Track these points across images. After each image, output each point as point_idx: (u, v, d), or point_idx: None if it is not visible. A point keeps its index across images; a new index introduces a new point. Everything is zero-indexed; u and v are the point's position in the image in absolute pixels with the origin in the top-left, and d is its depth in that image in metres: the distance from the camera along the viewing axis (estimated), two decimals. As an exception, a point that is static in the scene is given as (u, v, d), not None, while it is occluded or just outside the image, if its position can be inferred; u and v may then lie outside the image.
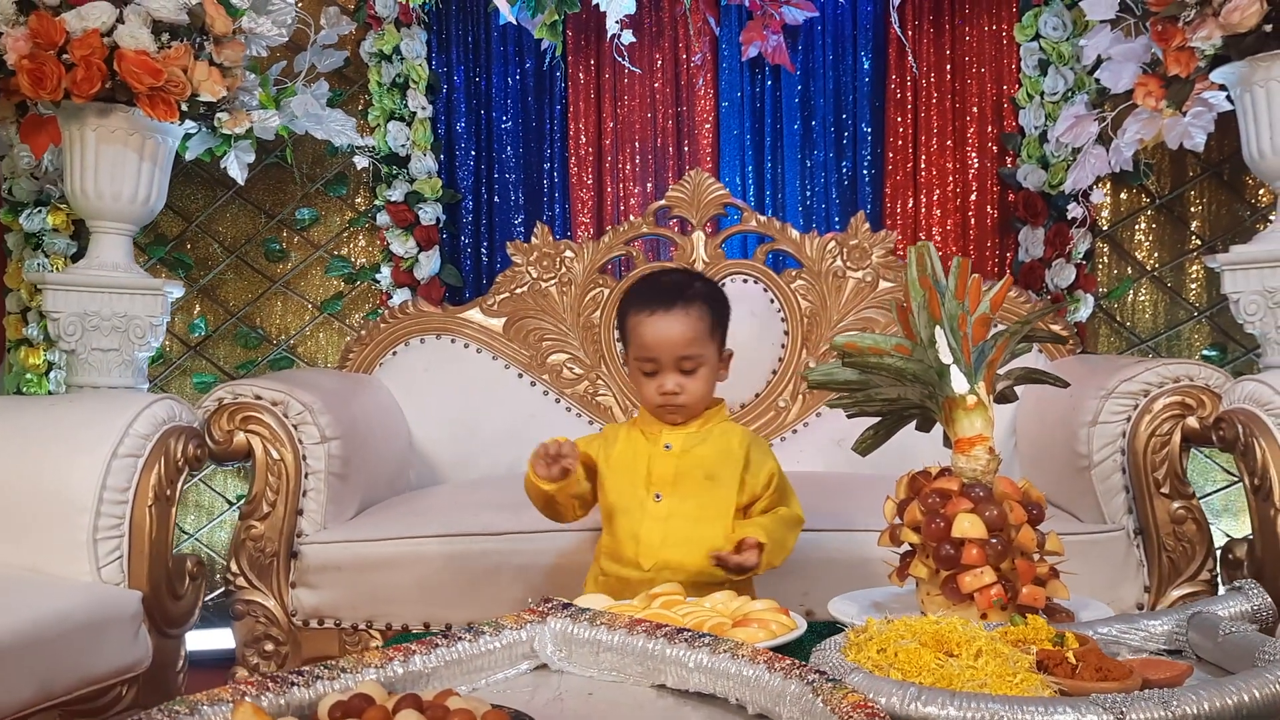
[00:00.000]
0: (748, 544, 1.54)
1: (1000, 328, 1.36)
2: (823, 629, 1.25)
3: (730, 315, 1.75)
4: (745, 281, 2.62)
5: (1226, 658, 1.03)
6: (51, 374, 2.99)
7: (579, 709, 1.00)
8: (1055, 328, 2.44)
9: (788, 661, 0.95)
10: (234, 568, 1.94)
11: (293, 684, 0.94)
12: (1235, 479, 2.81)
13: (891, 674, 0.94)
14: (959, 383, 1.28)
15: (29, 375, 2.99)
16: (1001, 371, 1.36)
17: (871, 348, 1.36)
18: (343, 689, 0.95)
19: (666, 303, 1.65)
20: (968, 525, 1.21)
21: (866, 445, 1.42)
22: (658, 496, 1.63)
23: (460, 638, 1.07)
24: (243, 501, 2.96)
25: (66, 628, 1.52)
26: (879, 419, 1.41)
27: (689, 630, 1.05)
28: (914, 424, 1.42)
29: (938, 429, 1.41)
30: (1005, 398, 1.39)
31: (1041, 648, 0.98)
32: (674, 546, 1.60)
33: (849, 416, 1.41)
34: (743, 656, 0.98)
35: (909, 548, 1.32)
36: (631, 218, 2.84)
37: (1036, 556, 1.24)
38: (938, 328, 1.28)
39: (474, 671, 1.05)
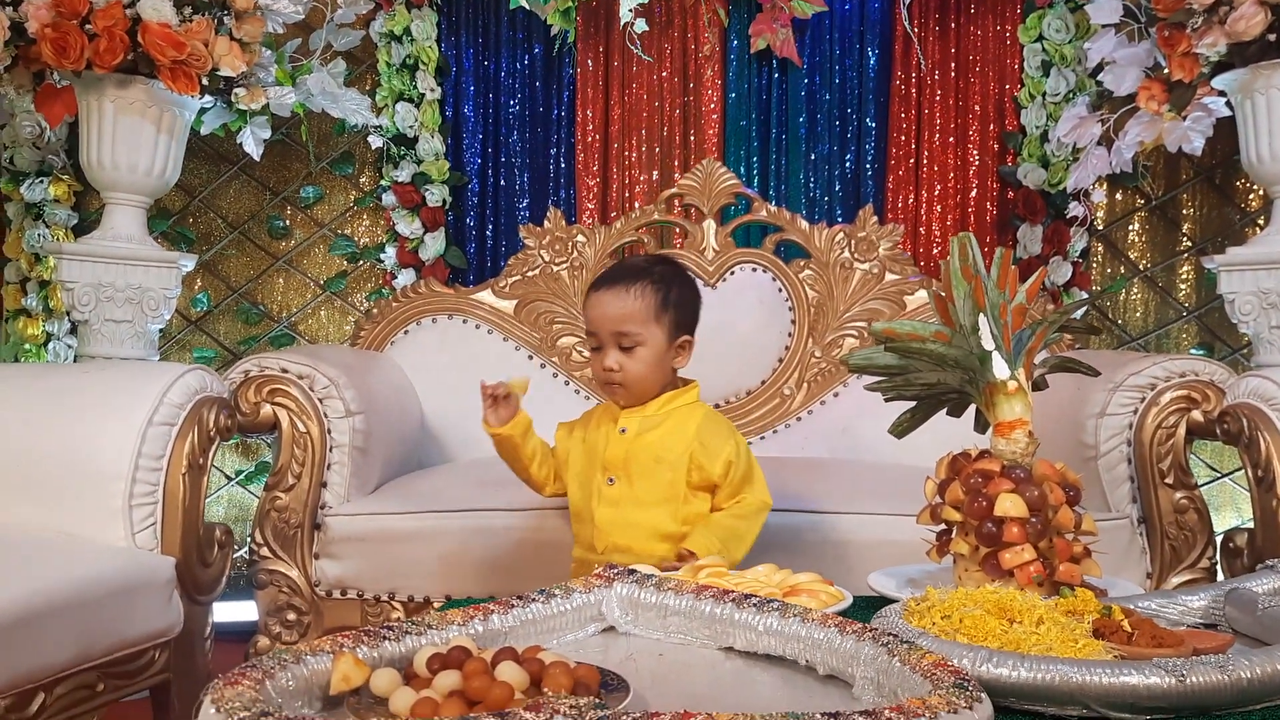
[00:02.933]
0: (682, 556, 1.54)
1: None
2: (864, 603, 1.30)
3: (694, 304, 1.73)
4: (754, 270, 2.67)
5: (1265, 630, 1.09)
6: (50, 345, 2.98)
7: (652, 669, 1.04)
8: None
9: (858, 625, 0.99)
10: (258, 538, 1.96)
11: (384, 638, 0.97)
12: (1218, 474, 2.90)
13: (958, 639, 0.99)
14: (1000, 369, 1.33)
15: (27, 346, 2.97)
16: (1036, 360, 1.41)
17: (910, 334, 1.41)
18: (429, 644, 0.98)
19: (612, 281, 1.67)
20: (1009, 505, 1.26)
21: (903, 428, 1.47)
22: (610, 480, 1.65)
23: (533, 600, 1.10)
24: (244, 474, 3.00)
25: (104, 591, 1.53)
26: (915, 403, 1.46)
27: (755, 595, 1.09)
28: (945, 410, 1.47)
29: (968, 415, 1.47)
30: (1037, 385, 1.44)
31: (1095, 618, 1.03)
32: (622, 530, 1.63)
33: (886, 400, 1.46)
34: (813, 621, 1.02)
35: (946, 526, 1.37)
36: (638, 205, 2.88)
37: (1072, 536, 1.29)
38: (981, 315, 1.33)
39: (546, 632, 1.09)
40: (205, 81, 2.33)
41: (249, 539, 2.01)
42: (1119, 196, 2.98)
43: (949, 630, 1.01)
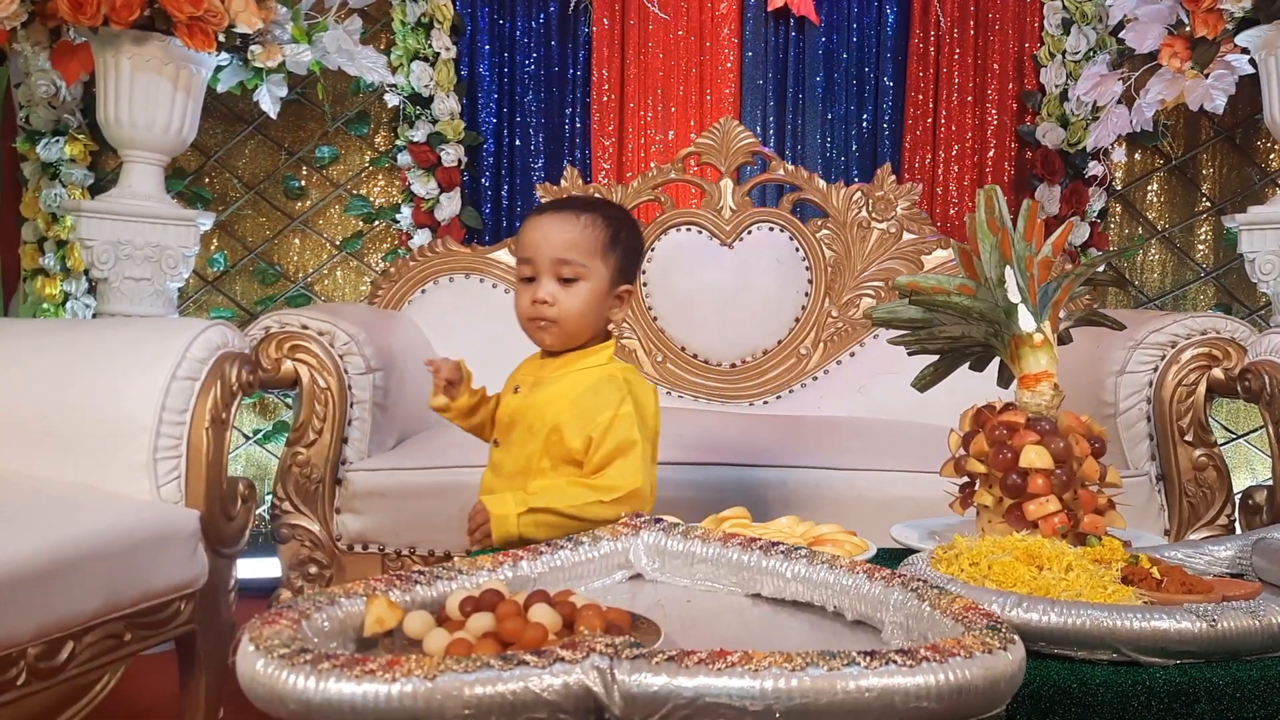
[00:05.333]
0: (477, 511, 1.42)
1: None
2: (887, 555, 1.30)
3: (640, 254, 1.59)
4: (771, 230, 2.66)
5: (1292, 579, 1.09)
6: (68, 304, 2.98)
7: (681, 614, 1.04)
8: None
9: (886, 571, 1.00)
10: (280, 493, 1.97)
11: (416, 582, 0.98)
12: (1234, 435, 2.90)
13: (987, 585, 1.00)
14: (1026, 321, 1.32)
15: (45, 305, 2.98)
16: (1061, 314, 1.40)
17: (935, 287, 1.40)
18: (461, 589, 0.99)
19: (558, 206, 1.52)
20: (1034, 456, 1.26)
21: (926, 381, 1.47)
22: (495, 442, 1.55)
23: (561, 547, 1.11)
24: (262, 433, 3.01)
25: (131, 543, 1.54)
26: (938, 357, 1.45)
27: (782, 543, 1.10)
28: (968, 364, 1.47)
29: (986, 375, 1.47)
30: (1062, 340, 1.43)
31: (1123, 565, 1.04)
32: (486, 497, 1.49)
33: (910, 354, 1.45)
34: (841, 567, 1.03)
35: (969, 478, 1.37)
36: (654, 165, 2.87)
37: (1096, 488, 1.29)
38: (1007, 268, 1.33)
39: (574, 579, 1.10)
40: (222, 38, 2.33)
41: (270, 495, 2.02)
42: (1138, 156, 2.96)
43: (977, 577, 1.01)
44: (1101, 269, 2.83)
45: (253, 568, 2.48)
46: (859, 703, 0.73)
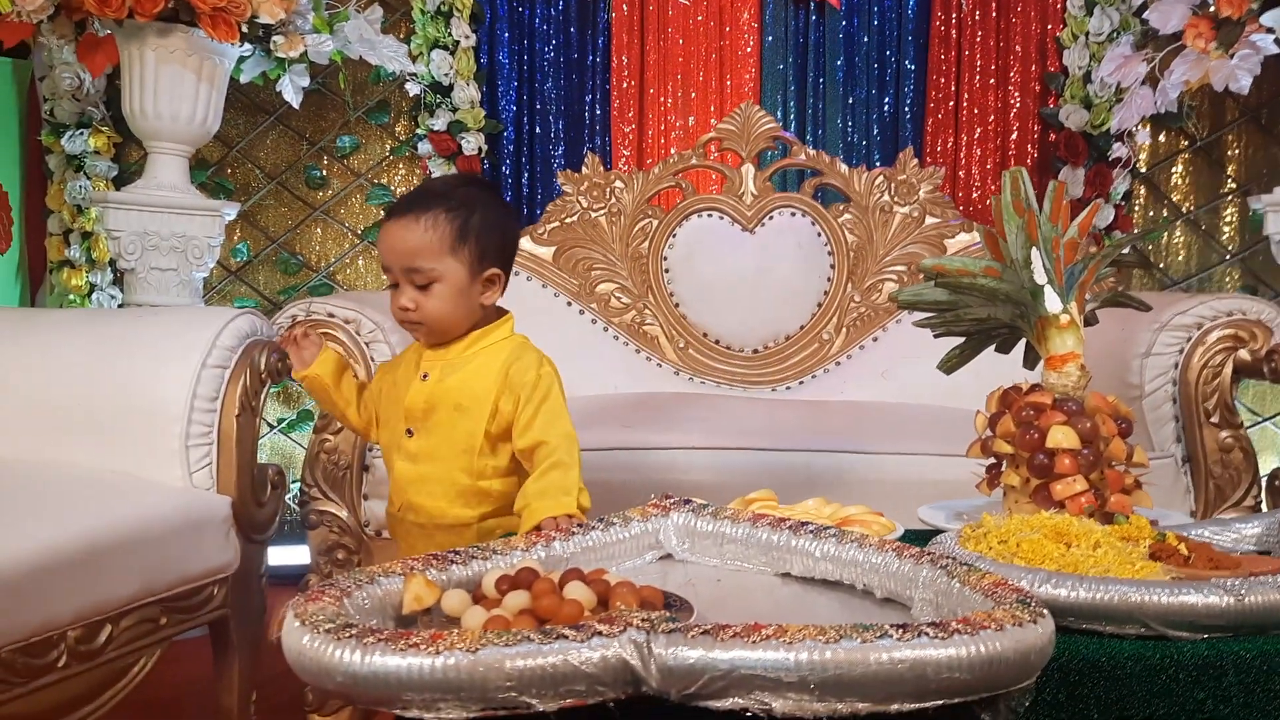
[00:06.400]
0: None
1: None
2: (914, 535, 1.31)
3: (504, 230, 1.53)
4: (793, 215, 2.66)
5: (1320, 556, 1.10)
6: (94, 295, 3.02)
7: (712, 593, 1.06)
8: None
9: (916, 550, 1.01)
10: (308, 479, 1.99)
11: (452, 562, 1.00)
12: (1259, 419, 2.89)
13: (1016, 562, 1.00)
14: (1053, 302, 1.33)
15: (72, 297, 3.02)
16: (1085, 297, 1.41)
17: (960, 269, 1.41)
18: (496, 568, 1.00)
19: (401, 208, 1.49)
20: (1061, 437, 1.26)
21: (952, 363, 1.47)
22: (409, 431, 1.52)
23: (593, 527, 1.12)
24: (286, 422, 3.04)
25: (165, 529, 1.57)
26: (964, 339, 1.46)
27: (811, 523, 1.11)
28: (994, 346, 1.48)
29: (1011, 358, 1.47)
30: (1088, 320, 1.44)
31: (1150, 542, 1.04)
32: (417, 487, 1.52)
33: (936, 336, 1.46)
34: (870, 546, 1.04)
35: (996, 460, 1.38)
36: (674, 151, 2.88)
37: (1122, 468, 1.30)
38: (1034, 249, 1.33)
39: (606, 559, 1.11)
40: (244, 29, 2.35)
41: (299, 482, 2.04)
42: (1162, 138, 2.95)
43: (1006, 554, 1.02)
44: (1126, 250, 2.83)
45: (282, 555, 2.50)
46: (892, 674, 0.74)
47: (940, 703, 0.75)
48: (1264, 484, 1.93)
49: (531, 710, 0.74)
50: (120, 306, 2.84)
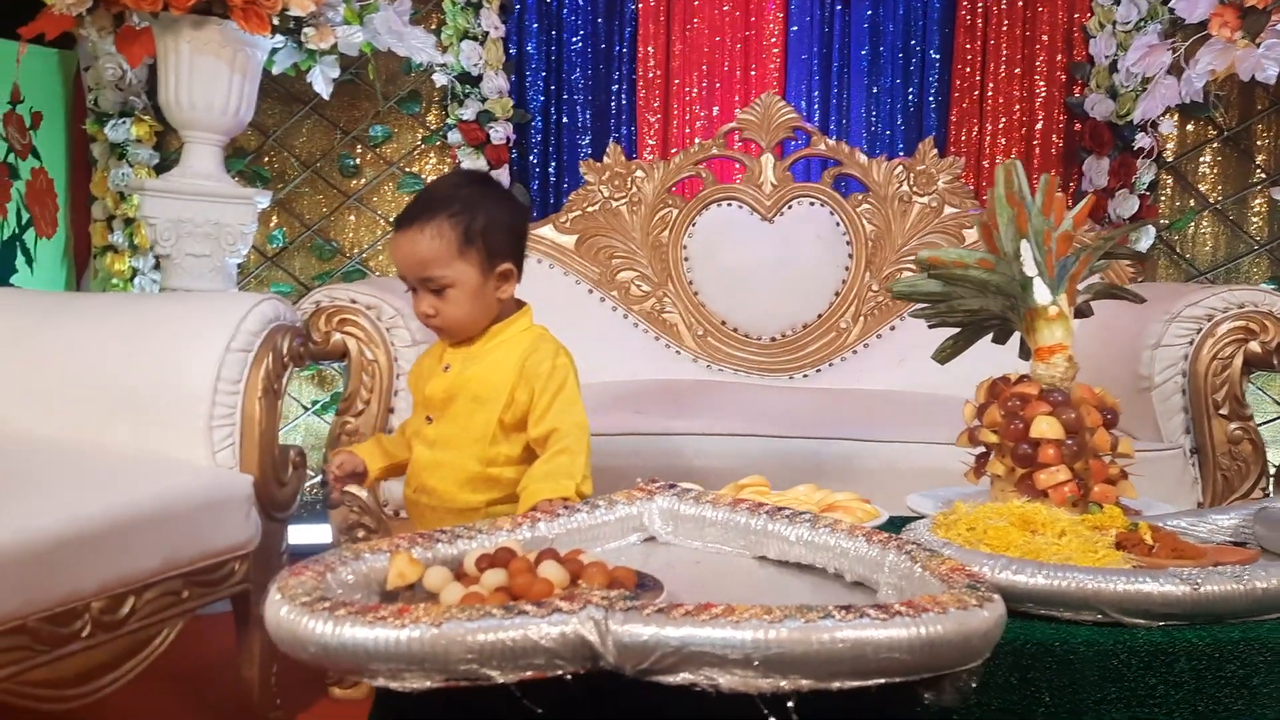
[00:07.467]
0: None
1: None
2: (900, 522, 1.34)
3: (511, 225, 1.56)
4: (812, 204, 2.68)
5: (1291, 548, 1.11)
6: (136, 280, 3.11)
7: (690, 575, 1.10)
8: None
9: (884, 535, 1.04)
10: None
11: (438, 541, 1.05)
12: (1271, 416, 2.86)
13: (981, 549, 1.03)
14: (1042, 294, 1.35)
15: (115, 281, 3.11)
16: (1081, 287, 1.42)
17: (955, 261, 1.43)
18: (479, 547, 1.05)
19: (406, 220, 1.53)
20: (1045, 427, 1.28)
21: (946, 354, 1.50)
22: (429, 419, 1.57)
23: (578, 510, 1.17)
24: (320, 404, 3.12)
25: (188, 505, 1.64)
26: (959, 329, 1.48)
27: (788, 509, 1.14)
28: (990, 336, 1.50)
29: (1013, 341, 1.49)
30: (1081, 313, 1.45)
31: (1119, 532, 1.07)
32: (431, 471, 1.56)
33: (930, 326, 1.49)
34: (842, 531, 1.07)
35: (984, 449, 1.40)
36: (698, 140, 2.90)
37: (1108, 458, 1.32)
38: (1023, 241, 1.35)
39: (590, 540, 1.15)
40: (276, 21, 2.41)
41: (323, 463, 2.11)
42: (1190, 128, 2.92)
43: (973, 541, 1.05)
44: (1149, 243, 2.81)
45: (306, 534, 2.58)
46: (833, 653, 0.78)
47: (882, 681, 0.79)
48: (1272, 476, 1.93)
49: (492, 682, 0.79)
50: (159, 291, 2.92)
